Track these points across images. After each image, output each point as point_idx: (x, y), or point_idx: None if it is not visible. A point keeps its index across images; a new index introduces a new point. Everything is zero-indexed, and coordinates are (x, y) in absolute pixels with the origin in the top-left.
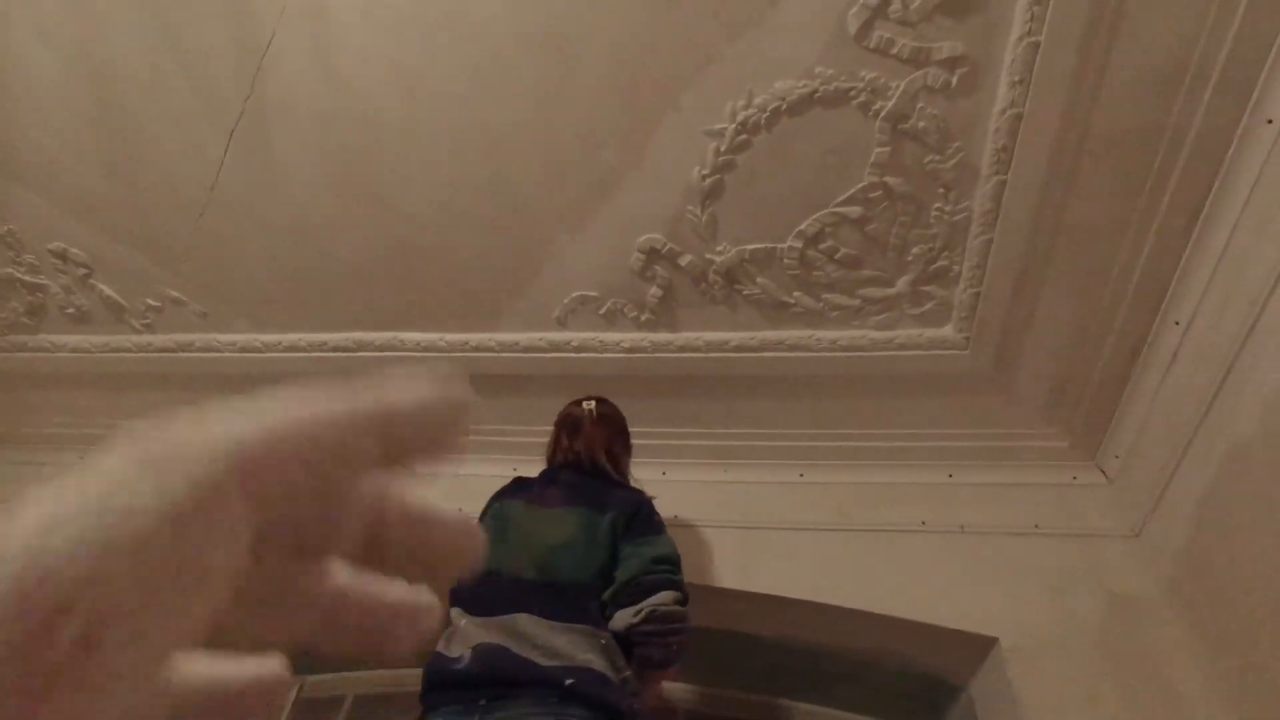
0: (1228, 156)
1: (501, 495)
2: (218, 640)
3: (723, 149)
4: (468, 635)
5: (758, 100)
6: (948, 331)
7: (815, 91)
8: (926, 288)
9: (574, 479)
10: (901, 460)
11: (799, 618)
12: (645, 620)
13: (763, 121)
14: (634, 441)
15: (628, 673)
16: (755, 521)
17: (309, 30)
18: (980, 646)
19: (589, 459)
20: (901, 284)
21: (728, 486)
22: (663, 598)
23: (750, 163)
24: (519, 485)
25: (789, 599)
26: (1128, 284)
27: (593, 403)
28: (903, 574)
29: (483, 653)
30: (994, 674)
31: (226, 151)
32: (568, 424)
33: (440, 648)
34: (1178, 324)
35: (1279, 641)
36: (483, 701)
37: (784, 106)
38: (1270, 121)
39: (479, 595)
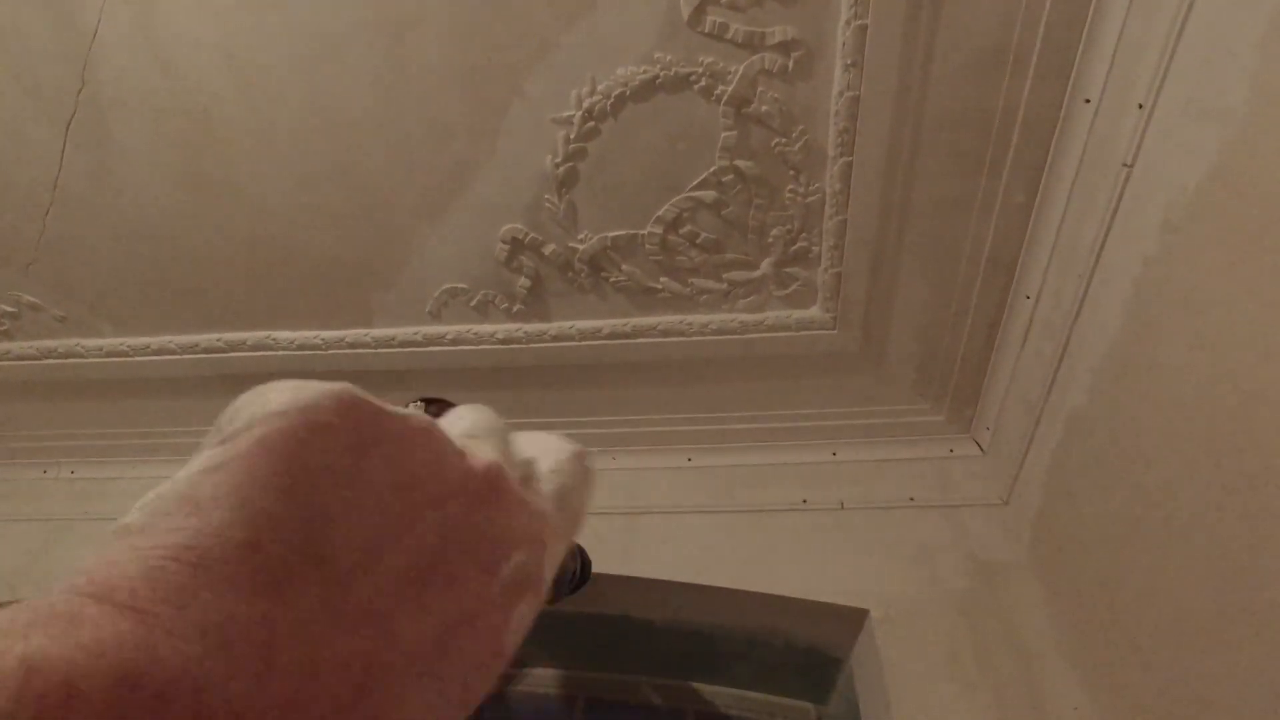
0: (1055, 135)
1: None
2: None
3: (572, 137)
4: None
5: (601, 87)
6: (815, 312)
7: (656, 77)
8: (789, 269)
9: None
10: (785, 440)
11: (685, 600)
12: None
13: (608, 108)
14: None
15: None
16: (642, 507)
17: (135, 17)
18: (853, 619)
19: None
20: (765, 266)
21: (616, 474)
22: None
23: (601, 150)
24: None
25: (674, 582)
26: (979, 260)
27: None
28: (783, 552)
29: None
30: (867, 645)
31: (65, 148)
32: None
33: None
34: (1029, 298)
35: (1114, 598)
36: None
37: (628, 93)
38: (1088, 101)
39: None
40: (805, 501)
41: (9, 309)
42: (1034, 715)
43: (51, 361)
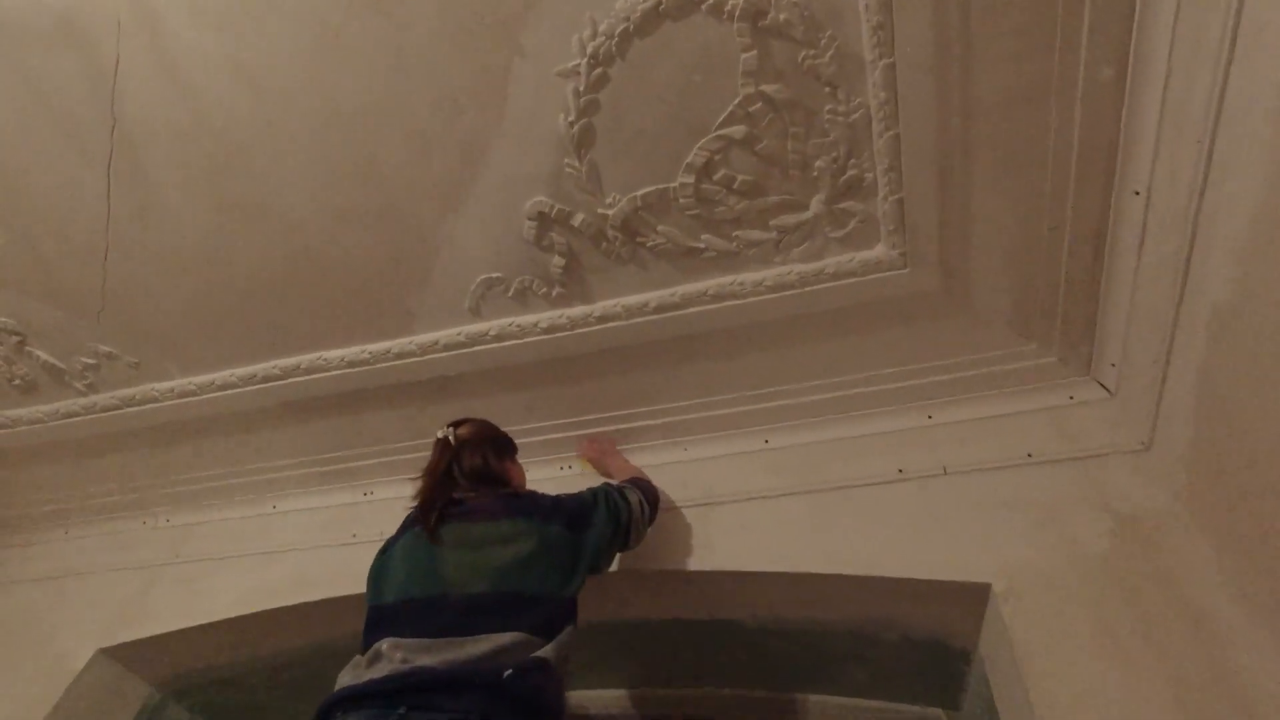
0: None
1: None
2: None
3: (581, 89)
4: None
5: (602, 26)
6: (880, 251)
7: (660, 3)
8: (844, 204)
9: (489, 498)
10: (873, 407)
11: (777, 593)
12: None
13: (614, 49)
14: (581, 432)
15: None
16: (719, 496)
17: (147, 41)
18: (974, 596)
19: (473, 480)
20: (815, 205)
21: (687, 466)
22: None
23: (614, 99)
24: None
25: (762, 573)
26: (1068, 158)
27: (450, 428)
28: (881, 529)
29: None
30: (994, 627)
31: (110, 189)
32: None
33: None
34: (1138, 193)
35: None
36: (402, 710)
37: (631, 27)
38: None
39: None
40: (901, 471)
41: (89, 361)
42: (1226, 693)
43: (131, 410)
